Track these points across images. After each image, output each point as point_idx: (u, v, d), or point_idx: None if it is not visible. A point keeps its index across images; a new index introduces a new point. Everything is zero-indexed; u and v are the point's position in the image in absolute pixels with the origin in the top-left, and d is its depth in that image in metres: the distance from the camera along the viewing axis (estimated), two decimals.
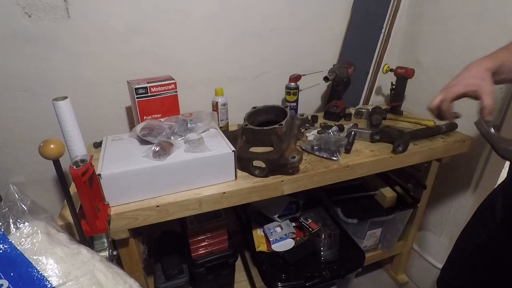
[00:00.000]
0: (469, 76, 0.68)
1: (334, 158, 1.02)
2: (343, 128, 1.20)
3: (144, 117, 1.04)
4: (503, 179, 0.81)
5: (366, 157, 1.06)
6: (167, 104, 1.07)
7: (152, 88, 1.02)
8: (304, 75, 1.31)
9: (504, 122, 1.17)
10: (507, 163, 1.32)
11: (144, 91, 1.01)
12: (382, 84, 1.54)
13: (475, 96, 0.67)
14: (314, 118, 1.33)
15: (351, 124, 1.25)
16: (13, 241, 0.52)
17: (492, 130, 0.65)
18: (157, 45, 1.15)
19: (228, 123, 1.25)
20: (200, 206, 0.86)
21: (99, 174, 0.75)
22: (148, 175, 0.80)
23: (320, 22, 1.35)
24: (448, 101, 0.70)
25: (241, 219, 1.33)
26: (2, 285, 0.48)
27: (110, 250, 0.76)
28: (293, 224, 1.26)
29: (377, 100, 1.60)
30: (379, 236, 1.39)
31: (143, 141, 0.92)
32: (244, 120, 1.04)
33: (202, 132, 0.98)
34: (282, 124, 0.96)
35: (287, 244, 1.18)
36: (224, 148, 0.89)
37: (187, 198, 0.84)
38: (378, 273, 1.62)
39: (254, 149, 0.97)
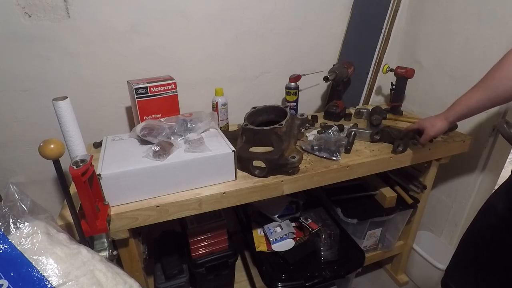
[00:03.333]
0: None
1: (334, 158, 1.02)
2: (343, 128, 1.20)
3: (144, 117, 1.04)
4: (503, 178, 0.81)
5: (366, 157, 1.06)
6: (167, 104, 1.07)
7: (152, 88, 1.02)
8: (304, 75, 1.31)
9: None
10: (507, 163, 1.32)
11: (144, 91, 1.01)
12: (382, 84, 1.54)
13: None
14: (314, 118, 1.33)
15: (351, 124, 1.25)
16: (13, 241, 0.52)
17: None
18: (157, 45, 1.15)
19: (228, 123, 1.25)
20: (200, 206, 0.86)
21: (99, 174, 0.75)
22: (148, 175, 0.80)
23: (320, 22, 1.35)
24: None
25: (241, 219, 1.33)
26: (2, 285, 0.48)
27: (110, 250, 0.77)
28: (293, 224, 1.26)
29: (377, 100, 1.60)
30: (379, 236, 1.39)
31: (143, 141, 0.92)
32: (244, 120, 1.04)
33: (202, 132, 0.98)
34: (282, 124, 0.96)
35: (287, 244, 1.18)
36: (224, 148, 0.89)
37: (187, 198, 0.84)
38: (378, 273, 1.62)
39: (254, 149, 0.97)
